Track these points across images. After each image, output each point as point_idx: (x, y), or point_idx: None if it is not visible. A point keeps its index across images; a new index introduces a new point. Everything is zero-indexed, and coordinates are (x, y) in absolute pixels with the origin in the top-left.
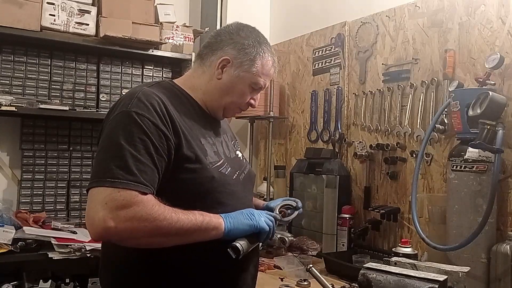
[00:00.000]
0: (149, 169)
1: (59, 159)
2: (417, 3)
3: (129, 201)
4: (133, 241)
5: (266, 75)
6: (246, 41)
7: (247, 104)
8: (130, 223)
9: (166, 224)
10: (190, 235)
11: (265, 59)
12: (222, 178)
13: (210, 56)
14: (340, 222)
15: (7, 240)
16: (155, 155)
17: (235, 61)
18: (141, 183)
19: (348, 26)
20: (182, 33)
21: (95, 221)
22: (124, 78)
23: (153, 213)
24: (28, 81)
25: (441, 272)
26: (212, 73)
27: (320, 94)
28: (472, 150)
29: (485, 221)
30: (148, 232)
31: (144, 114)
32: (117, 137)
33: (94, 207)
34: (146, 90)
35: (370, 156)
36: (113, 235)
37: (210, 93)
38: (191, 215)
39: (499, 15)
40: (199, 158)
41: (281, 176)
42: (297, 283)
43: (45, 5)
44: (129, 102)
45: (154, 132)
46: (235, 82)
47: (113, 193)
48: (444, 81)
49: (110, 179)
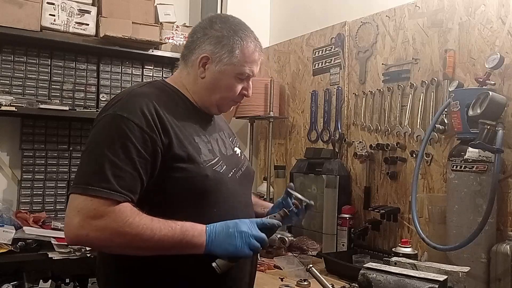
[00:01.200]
0: (127, 174)
1: (59, 159)
2: (417, 3)
3: (100, 211)
4: (105, 249)
5: (251, 62)
6: (220, 33)
7: (240, 95)
8: (101, 234)
9: (138, 239)
10: (166, 250)
11: (244, 46)
12: (217, 176)
13: (190, 56)
14: (340, 222)
15: (7, 240)
16: (136, 159)
17: (214, 56)
18: (115, 190)
19: (348, 26)
20: (182, 33)
21: (69, 227)
22: (124, 78)
23: (125, 226)
24: (28, 81)
25: (441, 272)
26: (195, 73)
27: (320, 94)
28: (472, 150)
29: (485, 221)
30: (118, 244)
31: (129, 117)
32: (99, 141)
33: (69, 214)
34: (135, 91)
35: (370, 156)
36: (85, 242)
37: (198, 93)
38: (170, 232)
39: (499, 15)
40: (192, 157)
41: (281, 176)
42: (297, 283)
43: (45, 5)
44: (116, 104)
45: (138, 136)
46: (219, 78)
47: (86, 201)
48: (444, 81)
49: (84, 185)
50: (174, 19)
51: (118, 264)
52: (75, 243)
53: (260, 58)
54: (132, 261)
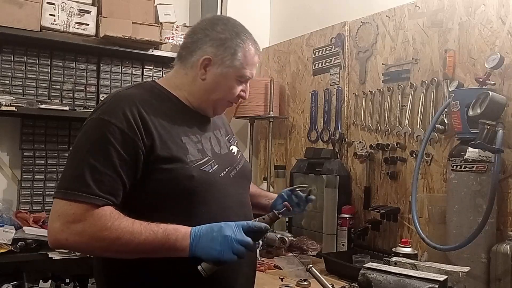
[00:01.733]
0: (107, 178)
1: (59, 159)
2: (417, 3)
3: (79, 216)
4: (86, 253)
5: (251, 65)
6: (223, 35)
7: (238, 97)
8: (79, 238)
9: (118, 243)
10: (148, 254)
11: (246, 49)
12: (204, 176)
13: (190, 57)
14: (340, 222)
15: (7, 240)
16: (117, 162)
17: (216, 58)
18: (95, 194)
19: (348, 26)
20: (182, 33)
21: (50, 231)
22: (124, 78)
23: (104, 230)
24: (28, 81)
25: (441, 272)
26: (195, 74)
27: (320, 94)
28: (472, 150)
29: (485, 221)
30: (98, 248)
31: (110, 120)
32: (80, 146)
33: (51, 218)
34: (120, 94)
35: (370, 156)
36: (66, 246)
37: (196, 94)
38: (152, 236)
39: (499, 15)
40: (176, 158)
41: (281, 176)
42: (297, 283)
43: (45, 5)
44: (101, 107)
45: (119, 138)
46: (220, 80)
47: (65, 206)
48: (444, 81)
49: (64, 190)
50: (174, 19)
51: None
52: (56, 247)
53: (260, 60)
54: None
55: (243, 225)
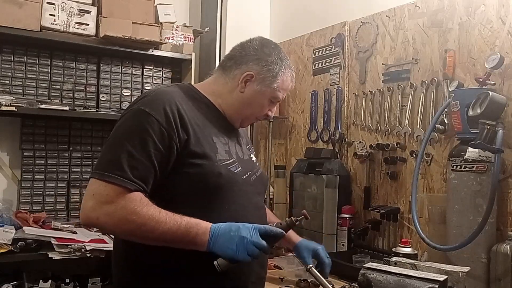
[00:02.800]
0: (142, 165)
1: (59, 159)
2: (417, 3)
3: (112, 197)
4: (113, 233)
5: (285, 90)
6: (270, 58)
7: (265, 115)
8: (109, 218)
9: (143, 229)
10: (169, 243)
11: (286, 75)
12: (230, 175)
13: (234, 69)
14: (340, 222)
15: (7, 240)
16: (153, 151)
17: (258, 76)
18: (128, 179)
19: (348, 26)
20: (182, 33)
21: (84, 209)
22: (124, 78)
23: (132, 214)
24: (28, 81)
25: (441, 272)
26: (235, 85)
27: (320, 94)
28: (472, 150)
29: (485, 221)
30: (124, 231)
31: (149, 112)
32: (119, 132)
33: (86, 196)
34: (161, 90)
35: (370, 156)
36: (95, 225)
37: (231, 104)
38: (175, 226)
39: (499, 15)
40: (207, 155)
41: (281, 176)
42: (297, 283)
43: (45, 5)
44: (142, 100)
45: (156, 130)
46: (256, 96)
47: (101, 187)
48: (444, 81)
49: (101, 171)
50: (174, 19)
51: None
52: (87, 224)
53: (292, 88)
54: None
55: (260, 229)
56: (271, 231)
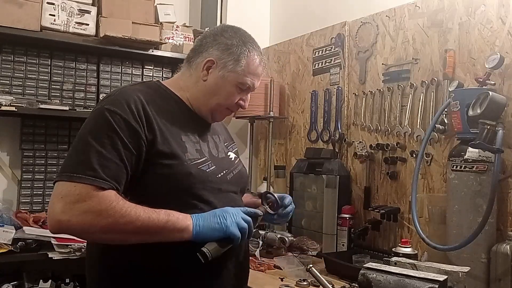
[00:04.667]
0: (113, 164)
1: (59, 159)
2: (417, 3)
3: (83, 196)
4: (87, 235)
5: (253, 74)
6: (230, 41)
7: (236, 105)
8: (83, 217)
9: (122, 221)
10: (151, 234)
11: (251, 58)
12: (201, 174)
13: (196, 58)
14: (340, 222)
15: (7, 240)
16: (122, 150)
17: (220, 61)
18: (101, 178)
19: (348, 26)
20: (182, 33)
21: (51, 213)
22: (124, 78)
23: (109, 209)
24: (28, 81)
25: (441, 272)
26: (198, 75)
27: (320, 94)
28: (472, 150)
29: (485, 221)
30: (102, 227)
31: (115, 111)
32: (86, 133)
33: (52, 200)
34: (126, 88)
35: (370, 156)
36: (67, 228)
37: (197, 96)
38: (154, 215)
39: (499, 15)
40: (176, 154)
41: (281, 176)
42: (297, 283)
43: (45, 5)
44: (105, 99)
45: (123, 128)
46: (220, 83)
47: (70, 188)
48: (444, 81)
49: (69, 173)
50: (174, 19)
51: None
52: (57, 230)
53: (263, 73)
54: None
55: (241, 209)
56: (250, 211)
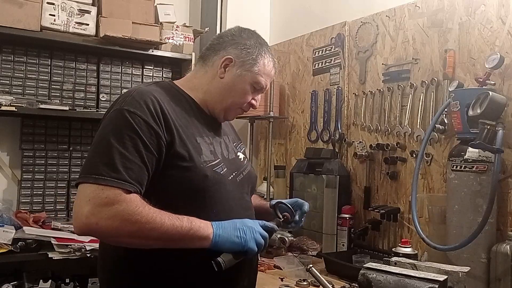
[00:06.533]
0: (136, 166)
1: (59, 159)
2: (417, 3)
3: (112, 199)
4: (113, 239)
5: (267, 75)
6: (248, 42)
7: (249, 104)
8: (111, 221)
9: (148, 227)
10: (174, 241)
11: (266, 59)
12: (216, 177)
13: (213, 56)
14: (340, 222)
15: (7, 240)
16: (144, 152)
17: (238, 60)
18: (125, 180)
19: (348, 26)
20: (182, 33)
21: (79, 216)
22: (124, 78)
23: (136, 214)
24: (28, 81)
25: (441, 272)
26: (214, 72)
27: (320, 94)
28: (472, 150)
29: (485, 221)
30: (128, 232)
31: (135, 112)
32: (107, 134)
33: (79, 203)
34: (142, 89)
35: (370, 156)
36: (94, 231)
37: (212, 93)
38: (178, 222)
39: (499, 15)
40: (192, 156)
41: (281, 176)
42: (297, 283)
43: (45, 5)
44: (123, 100)
45: (144, 130)
46: (237, 81)
47: (97, 190)
48: (444, 81)
49: (95, 175)
50: (174, 19)
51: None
52: (84, 233)
53: (275, 75)
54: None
55: (259, 222)
56: (268, 225)
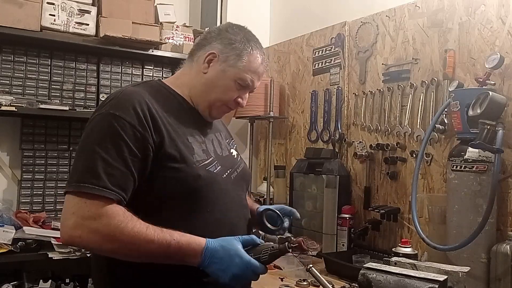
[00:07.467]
0: (118, 172)
1: (59, 159)
2: (417, 3)
3: (93, 213)
4: (97, 252)
5: (254, 72)
6: (234, 37)
7: (235, 102)
8: (94, 236)
9: (130, 247)
10: (157, 261)
11: (253, 56)
12: (210, 176)
13: (198, 51)
14: (340, 222)
15: (7, 240)
16: (128, 157)
17: (221, 55)
18: (107, 188)
19: (348, 26)
20: (182, 33)
21: (64, 227)
22: (124, 78)
23: (117, 232)
24: (28, 81)
25: (441, 272)
26: (199, 67)
27: (320, 94)
28: (472, 150)
29: (485, 221)
30: (110, 249)
31: (120, 115)
32: (91, 139)
33: (65, 214)
34: (128, 90)
35: (370, 156)
36: (78, 243)
37: (196, 89)
38: (164, 246)
39: (499, 15)
40: (184, 157)
41: (281, 176)
42: (297, 283)
43: (45, 5)
44: (109, 102)
45: (129, 133)
46: (220, 77)
47: (80, 203)
48: (444, 81)
49: (76, 183)
50: (174, 19)
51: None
52: (69, 244)
53: (263, 73)
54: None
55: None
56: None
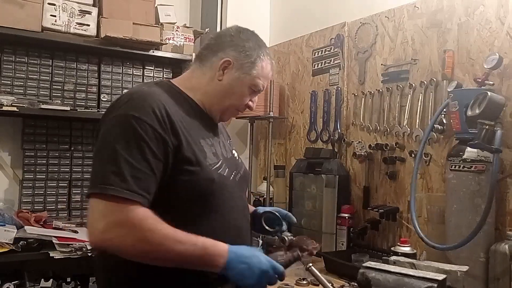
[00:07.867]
0: (144, 175)
1: (61, 159)
2: (416, 3)
3: (126, 216)
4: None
5: (265, 78)
6: (247, 44)
7: (245, 106)
8: (126, 239)
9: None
10: (184, 264)
11: (265, 62)
12: (221, 180)
13: (211, 57)
14: (339, 221)
15: (9, 239)
16: (151, 159)
17: (237, 63)
18: (133, 191)
19: (347, 27)
20: (182, 34)
21: (94, 232)
22: (125, 78)
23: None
24: (30, 81)
25: (440, 271)
26: (213, 74)
27: (320, 94)
28: (470, 150)
29: (483, 220)
30: (140, 252)
31: (141, 117)
32: (113, 141)
33: (94, 218)
34: (145, 91)
35: (369, 156)
36: (109, 246)
37: (210, 95)
38: (192, 247)
39: (498, 16)
40: (199, 160)
41: (281, 176)
42: (297, 282)
43: (46, 5)
44: (126, 103)
45: (151, 136)
46: (235, 84)
47: (110, 206)
48: (443, 82)
49: (102, 185)
50: (174, 19)
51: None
52: (100, 248)
53: (272, 77)
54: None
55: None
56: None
